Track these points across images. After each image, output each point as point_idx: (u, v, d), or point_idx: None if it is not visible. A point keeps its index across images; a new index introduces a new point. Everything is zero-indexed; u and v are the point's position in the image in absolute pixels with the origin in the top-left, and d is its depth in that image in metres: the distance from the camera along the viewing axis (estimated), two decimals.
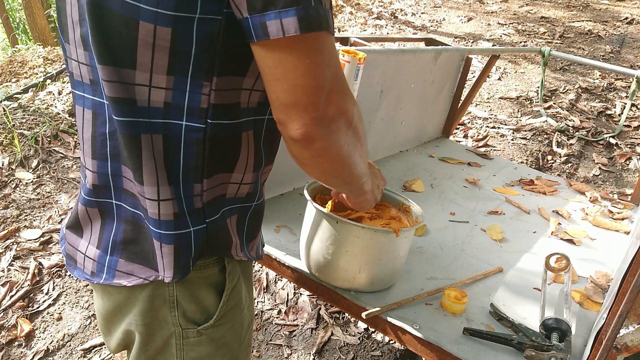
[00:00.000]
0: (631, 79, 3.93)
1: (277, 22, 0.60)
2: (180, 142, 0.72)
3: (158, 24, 0.64)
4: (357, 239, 1.21)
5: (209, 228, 0.78)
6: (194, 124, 0.71)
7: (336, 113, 0.66)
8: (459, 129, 3.82)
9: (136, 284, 0.79)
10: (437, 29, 5.96)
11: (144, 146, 0.72)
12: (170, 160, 0.73)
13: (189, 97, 0.70)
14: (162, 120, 0.71)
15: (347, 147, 0.71)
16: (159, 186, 0.73)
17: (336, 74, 0.66)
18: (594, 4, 6.94)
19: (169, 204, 0.74)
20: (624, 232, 1.92)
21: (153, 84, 0.69)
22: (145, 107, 0.70)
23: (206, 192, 0.76)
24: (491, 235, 1.73)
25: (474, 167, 2.33)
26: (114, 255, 0.80)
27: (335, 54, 0.66)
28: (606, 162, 3.61)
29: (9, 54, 5.62)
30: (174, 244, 0.76)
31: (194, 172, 0.74)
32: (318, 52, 0.63)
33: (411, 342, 1.21)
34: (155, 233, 0.76)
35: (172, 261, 0.77)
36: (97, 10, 0.67)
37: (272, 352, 1.95)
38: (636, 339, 0.89)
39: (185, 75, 0.68)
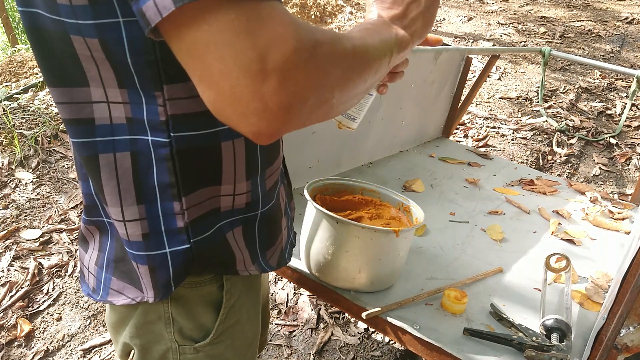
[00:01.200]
0: (631, 79, 3.93)
1: (151, 3, 0.45)
2: (152, 159, 0.65)
3: (85, 36, 0.57)
4: (357, 239, 1.21)
5: (196, 247, 0.72)
6: (159, 139, 0.64)
7: (284, 89, 0.46)
8: (459, 129, 3.82)
9: (124, 303, 0.77)
10: (437, 29, 5.96)
11: (103, 167, 0.66)
12: (141, 179, 0.67)
13: (146, 110, 0.62)
14: (128, 136, 0.64)
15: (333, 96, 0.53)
16: (122, 207, 0.68)
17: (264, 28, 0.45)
18: (594, 3, 6.94)
19: (136, 225, 0.69)
20: (624, 232, 1.92)
21: (110, 100, 0.63)
22: (107, 124, 0.64)
23: (188, 210, 0.69)
24: (491, 235, 1.73)
25: (474, 167, 2.33)
26: (107, 273, 0.77)
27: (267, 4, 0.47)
28: (606, 162, 3.61)
29: (8, 54, 5.62)
30: (147, 265, 0.71)
31: (169, 189, 0.67)
32: (225, 16, 0.45)
33: (411, 342, 1.21)
34: (130, 253, 0.72)
35: (150, 282, 0.73)
36: (33, 32, 0.62)
37: (272, 352, 1.95)
38: (636, 339, 0.89)
39: (134, 86, 0.61)
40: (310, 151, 1.81)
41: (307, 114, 0.50)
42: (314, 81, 0.49)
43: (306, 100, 0.48)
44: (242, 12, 0.45)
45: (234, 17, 0.45)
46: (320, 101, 0.51)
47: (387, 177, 2.05)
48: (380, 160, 2.22)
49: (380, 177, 2.04)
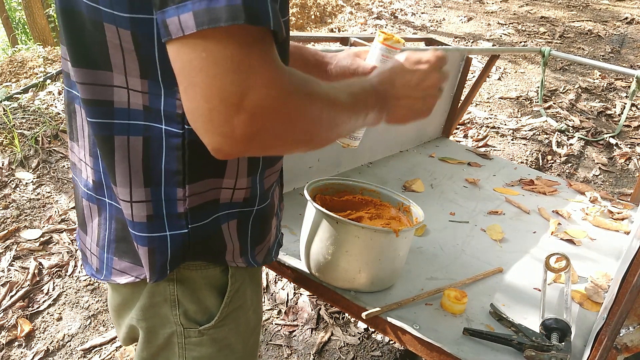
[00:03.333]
0: (631, 79, 3.93)
1: (176, 19, 0.53)
2: (162, 146, 0.70)
3: (118, 26, 0.62)
4: (357, 239, 1.21)
5: (192, 234, 0.76)
6: (172, 129, 0.68)
7: (253, 124, 0.54)
8: (459, 129, 3.82)
9: (128, 281, 0.80)
10: (437, 29, 5.96)
11: (118, 148, 0.70)
12: (150, 163, 0.71)
13: (164, 101, 0.67)
14: (142, 122, 0.69)
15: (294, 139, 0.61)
16: (131, 188, 0.72)
17: (254, 68, 0.54)
18: (594, 4, 6.94)
19: (142, 206, 0.72)
20: (624, 232, 1.92)
21: (130, 87, 0.67)
22: (125, 108, 0.68)
23: (190, 197, 0.73)
24: (491, 235, 1.73)
25: (474, 167, 2.33)
26: (109, 253, 0.80)
27: (255, 44, 0.54)
28: (606, 162, 3.61)
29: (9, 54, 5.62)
30: (148, 247, 0.74)
31: (175, 176, 0.71)
32: (223, 52, 0.53)
33: (411, 342, 1.21)
34: (132, 234, 0.75)
35: (147, 263, 0.76)
36: (68, 13, 0.66)
37: (272, 352, 1.95)
38: (636, 339, 0.89)
39: (156, 79, 0.65)
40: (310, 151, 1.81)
41: (266, 149, 0.60)
42: (280, 126, 0.57)
43: (268, 139, 0.57)
44: (238, 52, 0.53)
45: (229, 54, 0.53)
46: (281, 141, 0.59)
47: (387, 177, 2.05)
48: (380, 160, 2.22)
49: (380, 177, 2.04)
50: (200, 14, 0.52)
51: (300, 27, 5.59)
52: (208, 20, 0.52)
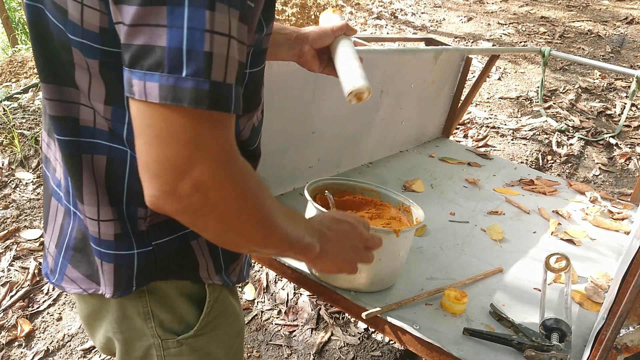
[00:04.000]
0: (631, 79, 3.93)
1: (142, 83, 0.53)
2: (126, 167, 0.69)
3: (85, 55, 0.62)
4: None
5: (157, 251, 0.74)
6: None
7: (195, 191, 0.56)
8: (459, 129, 3.82)
9: (76, 292, 0.78)
10: (437, 29, 5.96)
11: (85, 166, 0.69)
12: (114, 183, 0.70)
13: (127, 129, 0.66)
14: (107, 143, 0.68)
15: (227, 223, 0.61)
16: (99, 207, 0.71)
17: (210, 143, 0.56)
18: (594, 4, 6.94)
19: (109, 225, 0.72)
20: (624, 232, 1.92)
21: (96, 110, 0.66)
22: (91, 127, 0.67)
23: (151, 216, 0.72)
24: (491, 235, 1.73)
25: (474, 167, 2.34)
26: (64, 258, 0.78)
27: (215, 122, 0.56)
28: (606, 162, 3.61)
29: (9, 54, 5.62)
30: (114, 263, 0.73)
31: (137, 196, 0.70)
32: (182, 119, 0.54)
33: (411, 342, 1.21)
34: (96, 251, 0.74)
35: (112, 279, 0.74)
36: (36, 27, 0.65)
37: (272, 352, 1.95)
38: (636, 339, 0.89)
39: (122, 107, 0.65)
40: (310, 151, 1.81)
41: (196, 221, 0.60)
42: (217, 205, 0.58)
43: (200, 212, 0.58)
44: (195, 130, 0.55)
45: (187, 130, 0.54)
46: (212, 219, 0.60)
47: (387, 177, 2.05)
48: (380, 160, 2.22)
49: (381, 177, 2.04)
50: (166, 89, 0.53)
51: (300, 27, 5.59)
52: (172, 97, 0.53)
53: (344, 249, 0.84)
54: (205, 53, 0.53)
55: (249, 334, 2.03)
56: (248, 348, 1.97)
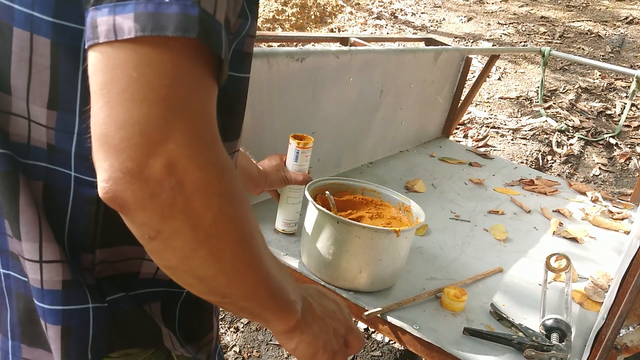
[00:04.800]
0: (631, 79, 3.93)
1: (110, 19, 0.41)
2: (69, 197, 0.54)
3: (34, 32, 0.49)
4: (358, 239, 1.21)
5: (114, 309, 0.57)
6: (85, 177, 0.53)
7: (168, 174, 0.42)
8: (459, 129, 3.82)
9: None
10: (437, 29, 5.96)
11: (23, 188, 0.53)
12: (55, 216, 0.54)
13: (77, 141, 0.52)
14: (45, 164, 0.53)
15: (202, 235, 0.45)
16: (41, 242, 0.54)
17: (190, 108, 0.43)
18: (594, 4, 6.94)
19: (56, 268, 0.54)
20: (624, 232, 1.92)
21: (32, 118, 0.52)
22: (24, 143, 0.53)
23: (99, 265, 0.57)
24: (495, 235, 1.73)
25: (475, 167, 2.34)
26: (15, 340, 0.60)
27: (198, 78, 0.44)
28: (606, 162, 3.61)
29: None
30: (61, 325, 0.55)
31: (82, 237, 0.55)
32: (159, 60, 0.42)
33: (411, 342, 1.21)
34: (39, 308, 0.55)
35: (59, 348, 0.55)
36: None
37: (272, 352, 1.95)
38: (636, 339, 0.89)
39: (72, 111, 0.51)
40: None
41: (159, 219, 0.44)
42: (188, 204, 0.43)
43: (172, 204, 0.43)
44: (178, 79, 0.43)
45: (167, 78, 0.42)
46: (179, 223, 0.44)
47: (388, 177, 2.05)
48: (381, 160, 2.22)
49: (381, 177, 2.04)
50: (144, 18, 0.41)
51: (300, 27, 5.60)
52: (152, 27, 0.41)
53: (327, 330, 0.66)
54: None
55: (249, 334, 2.03)
56: (248, 348, 1.97)
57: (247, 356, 1.93)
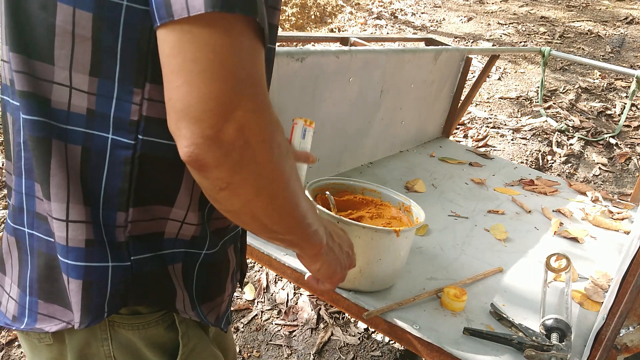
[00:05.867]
0: (631, 79, 3.93)
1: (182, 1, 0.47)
2: (105, 159, 0.59)
3: (77, 7, 0.53)
4: (358, 239, 1.21)
5: (135, 268, 0.63)
6: (121, 139, 0.58)
7: (237, 137, 0.50)
8: (459, 129, 3.82)
9: (59, 328, 0.65)
10: (437, 29, 5.96)
11: (55, 153, 0.58)
12: (89, 178, 0.59)
13: (116, 105, 0.57)
14: (83, 129, 0.58)
15: (263, 183, 0.54)
16: (69, 203, 0.59)
17: (253, 79, 0.51)
18: (594, 4, 6.94)
19: (80, 227, 0.60)
20: (624, 232, 1.92)
21: (74, 86, 0.57)
22: (64, 110, 0.58)
23: (132, 223, 0.62)
24: (495, 234, 1.73)
25: (475, 167, 2.34)
26: (32, 295, 0.66)
27: (256, 52, 0.51)
28: (606, 162, 3.61)
29: None
30: (83, 279, 0.61)
31: (118, 196, 0.60)
32: (229, 41, 0.49)
33: (411, 342, 1.21)
34: (63, 264, 0.61)
35: (79, 301, 0.62)
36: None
37: (272, 352, 1.95)
38: (636, 339, 0.89)
39: (111, 78, 0.56)
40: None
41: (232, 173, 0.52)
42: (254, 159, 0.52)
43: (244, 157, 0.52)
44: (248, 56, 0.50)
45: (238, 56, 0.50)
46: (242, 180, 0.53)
47: (388, 177, 2.05)
48: (381, 160, 2.22)
49: (381, 177, 2.04)
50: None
51: (300, 27, 5.60)
52: (221, 4, 0.47)
53: (341, 251, 0.80)
54: None
55: (249, 334, 2.03)
56: (248, 348, 1.97)
57: (247, 356, 1.93)
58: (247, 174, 0.53)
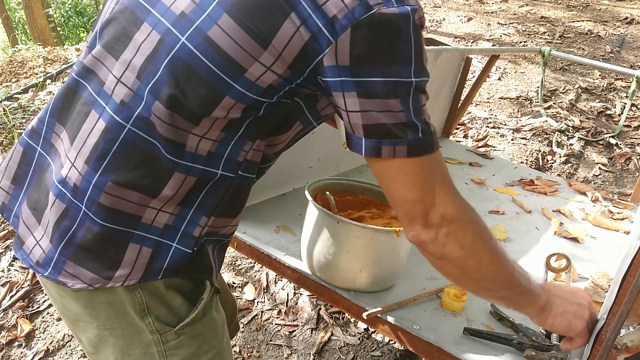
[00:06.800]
0: (631, 79, 3.93)
1: (391, 148, 0.71)
2: (208, 183, 0.79)
3: (239, 102, 0.72)
4: (358, 239, 1.21)
5: (192, 255, 0.82)
6: (227, 173, 0.79)
7: (440, 221, 0.74)
8: (459, 129, 3.82)
9: (81, 287, 0.79)
10: (437, 29, 5.96)
11: (173, 179, 0.77)
12: (191, 194, 0.79)
13: (231, 148, 0.77)
14: (202, 167, 0.77)
15: (467, 251, 0.77)
16: (166, 203, 0.78)
17: (441, 185, 0.74)
18: (594, 4, 6.94)
19: (166, 216, 0.79)
20: (624, 232, 1.92)
21: (205, 136, 0.75)
22: (192, 152, 0.76)
23: (209, 226, 0.82)
24: (495, 234, 1.72)
25: (475, 167, 2.34)
26: (63, 255, 0.79)
27: (439, 166, 0.76)
28: (606, 162, 3.61)
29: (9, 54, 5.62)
30: (153, 249, 0.79)
31: (206, 207, 0.80)
32: (422, 171, 0.73)
33: (411, 342, 1.21)
34: (139, 236, 0.78)
35: (145, 263, 0.79)
36: (180, 65, 0.71)
37: (272, 352, 1.95)
38: (636, 339, 0.89)
39: (235, 132, 0.76)
40: (310, 151, 1.81)
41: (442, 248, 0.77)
42: (456, 236, 0.76)
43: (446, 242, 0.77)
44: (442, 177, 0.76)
45: (431, 172, 0.76)
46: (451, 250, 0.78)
47: None
48: None
49: None
50: (412, 148, 0.72)
51: None
52: (417, 152, 0.72)
53: (571, 304, 0.93)
54: (426, 119, 0.75)
55: (249, 334, 2.03)
56: (248, 348, 1.97)
57: (247, 356, 1.93)
58: (453, 249, 0.76)
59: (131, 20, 0.76)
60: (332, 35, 0.67)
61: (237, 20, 0.69)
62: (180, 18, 0.72)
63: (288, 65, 0.70)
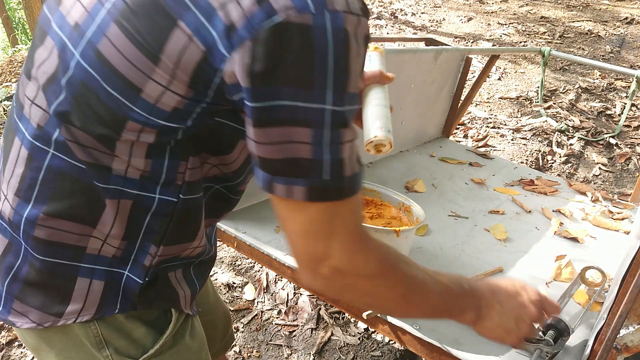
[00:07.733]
0: (631, 79, 3.94)
1: (285, 187, 0.61)
2: (149, 211, 0.71)
3: (146, 127, 0.63)
4: None
5: (145, 284, 0.75)
6: (166, 198, 0.70)
7: (330, 274, 0.65)
8: (459, 129, 3.82)
9: (29, 327, 0.74)
10: (437, 29, 5.97)
11: (108, 205, 0.69)
12: (134, 220, 0.71)
13: (167, 169, 0.68)
14: (136, 191, 0.69)
15: (372, 298, 0.71)
16: (110, 231, 0.71)
17: (342, 235, 0.64)
18: (594, 4, 6.94)
19: (112, 244, 0.72)
20: (624, 232, 1.92)
21: (131, 160, 0.66)
22: (121, 176, 0.67)
23: (160, 256, 0.75)
24: (495, 234, 1.73)
25: (475, 167, 2.34)
26: (9, 293, 0.74)
27: (346, 215, 0.64)
28: (606, 162, 3.61)
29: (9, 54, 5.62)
30: (105, 280, 0.73)
31: (153, 235, 0.73)
32: (320, 219, 0.62)
33: (411, 342, 1.21)
34: (87, 270, 0.72)
35: (99, 297, 0.73)
36: (78, 85, 0.63)
37: (272, 352, 1.95)
38: (636, 339, 0.89)
39: (161, 157, 0.67)
40: None
41: (338, 296, 0.73)
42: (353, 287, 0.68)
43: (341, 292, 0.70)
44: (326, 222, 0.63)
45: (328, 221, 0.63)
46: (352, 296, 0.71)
47: (388, 177, 2.05)
48: (381, 160, 2.22)
49: (381, 177, 2.04)
50: (311, 191, 0.60)
51: None
52: (320, 197, 0.61)
53: (507, 318, 0.85)
54: (342, 159, 0.61)
55: (249, 333, 2.03)
56: (248, 348, 1.97)
57: (247, 356, 1.93)
58: (352, 295, 0.70)
59: (39, 34, 0.69)
60: (227, 49, 0.56)
61: (124, 30, 0.59)
62: (74, 30, 0.63)
63: (187, 84, 0.59)
